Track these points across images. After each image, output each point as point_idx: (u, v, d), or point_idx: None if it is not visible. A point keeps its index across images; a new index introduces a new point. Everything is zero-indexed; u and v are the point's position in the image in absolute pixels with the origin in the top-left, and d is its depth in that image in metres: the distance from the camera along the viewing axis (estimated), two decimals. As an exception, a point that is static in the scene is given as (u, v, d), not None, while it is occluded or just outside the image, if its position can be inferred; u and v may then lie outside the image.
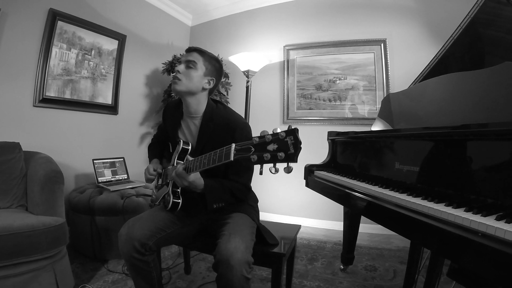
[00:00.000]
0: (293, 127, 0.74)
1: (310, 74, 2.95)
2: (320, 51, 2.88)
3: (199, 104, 1.27)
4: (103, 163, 2.34)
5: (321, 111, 2.88)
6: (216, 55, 1.33)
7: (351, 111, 2.80)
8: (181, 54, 2.91)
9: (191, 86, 1.22)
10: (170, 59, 2.91)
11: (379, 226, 2.76)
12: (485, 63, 1.59)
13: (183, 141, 1.26)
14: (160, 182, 1.41)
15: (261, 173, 0.79)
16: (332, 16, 2.86)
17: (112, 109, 2.57)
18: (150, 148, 1.55)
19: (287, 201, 2.98)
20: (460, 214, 0.72)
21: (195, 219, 1.30)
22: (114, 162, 2.43)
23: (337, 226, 2.76)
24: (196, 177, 1.09)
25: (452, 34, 1.65)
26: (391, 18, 2.64)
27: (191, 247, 1.52)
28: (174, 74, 1.24)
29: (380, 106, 1.87)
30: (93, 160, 2.26)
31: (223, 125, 1.22)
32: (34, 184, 1.60)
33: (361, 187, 1.24)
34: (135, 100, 2.89)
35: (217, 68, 1.27)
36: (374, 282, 1.85)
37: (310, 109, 2.95)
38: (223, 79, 2.94)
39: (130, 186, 2.20)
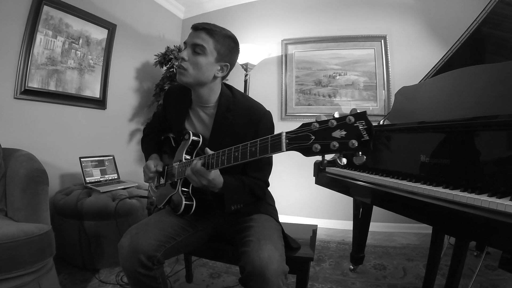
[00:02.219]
0: (358, 111, 0.61)
1: (309, 69, 2.87)
2: (320, 46, 2.81)
3: (211, 93, 1.09)
4: (91, 161, 2.14)
5: (320, 107, 2.81)
6: None
7: (352, 107, 2.74)
8: (175, 45, 2.74)
9: (200, 76, 1.02)
10: (162, 51, 2.73)
11: (380, 224, 2.74)
12: (485, 60, 1.61)
13: (192, 133, 1.09)
14: (160, 181, 1.25)
15: (323, 166, 0.67)
16: (332, 11, 2.80)
17: (100, 103, 2.37)
18: (145, 141, 1.35)
19: (284, 200, 2.88)
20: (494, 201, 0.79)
21: (207, 223, 1.14)
22: (103, 160, 2.23)
23: (339, 224, 2.70)
24: (216, 175, 0.93)
25: (464, 33, 1.61)
26: (391, 15, 2.63)
27: (205, 256, 1.33)
28: (178, 62, 1.04)
29: (389, 100, 1.80)
30: (80, 158, 2.05)
31: (244, 116, 1.07)
32: (14, 185, 1.39)
33: (392, 182, 1.18)
34: (125, 94, 2.68)
35: (231, 49, 1.05)
36: (386, 281, 1.79)
37: (309, 105, 2.87)
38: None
39: (122, 187, 2.02)
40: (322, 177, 1.79)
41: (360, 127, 0.59)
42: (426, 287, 1.45)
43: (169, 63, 2.68)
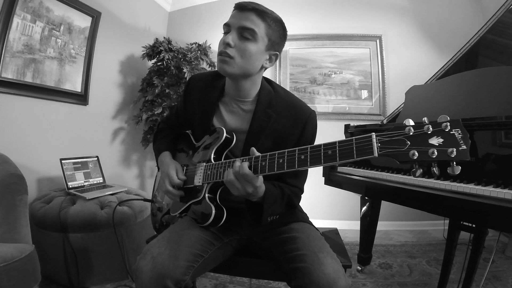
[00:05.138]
0: (449, 118, 0.57)
1: (304, 67, 2.82)
2: (315, 43, 2.78)
3: (253, 86, 0.95)
4: (74, 163, 1.89)
5: (315, 106, 2.77)
6: (197, 43, 0.99)
7: (347, 106, 2.74)
8: (165, 37, 2.54)
9: (248, 66, 0.87)
10: (148, 43, 2.52)
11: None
12: (478, 64, 1.68)
13: (226, 130, 0.94)
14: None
15: (417, 176, 0.60)
16: (328, 8, 2.78)
17: (81, 98, 2.11)
18: (158, 137, 1.17)
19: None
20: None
21: (234, 235, 1.00)
22: (86, 162, 1.99)
23: (339, 225, 2.67)
24: (261, 181, 0.80)
25: (471, 39, 1.65)
26: (386, 15, 2.67)
27: (234, 273, 1.16)
28: (221, 49, 0.86)
29: (403, 99, 1.79)
30: (61, 160, 1.80)
31: (289, 115, 0.94)
32: (-16, 196, 1.16)
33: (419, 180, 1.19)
34: (108, 89, 2.44)
35: (282, 36, 0.92)
36: (395, 279, 1.78)
37: (304, 103, 2.82)
38: (208, 68, 2.65)
39: (110, 192, 1.80)
40: (333, 177, 1.74)
41: (457, 135, 0.55)
42: (442, 280, 1.49)
43: (158, 56, 2.48)
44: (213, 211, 0.88)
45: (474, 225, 1.29)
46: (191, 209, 0.98)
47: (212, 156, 0.94)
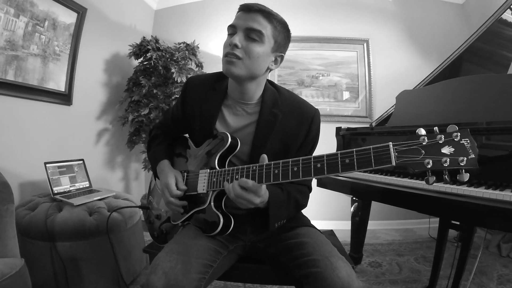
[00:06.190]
0: (458, 128, 0.61)
1: (292, 69, 2.84)
2: (304, 45, 2.81)
3: (257, 88, 0.94)
4: (59, 167, 1.79)
5: (304, 108, 2.80)
6: (185, 42, 0.97)
7: (335, 108, 2.79)
8: (153, 36, 2.47)
9: (255, 68, 0.86)
10: (134, 41, 2.44)
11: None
12: (462, 71, 1.77)
13: (231, 135, 0.91)
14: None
15: (431, 184, 0.62)
16: (316, 11, 2.82)
17: (65, 97, 2.01)
18: (153, 144, 1.12)
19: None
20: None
21: (238, 242, 0.98)
22: (72, 166, 1.89)
23: (329, 225, 2.72)
24: (265, 190, 0.80)
25: (461, 46, 1.72)
26: (373, 20, 2.74)
27: (240, 279, 1.11)
28: (228, 50, 0.85)
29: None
30: (45, 164, 1.70)
31: (295, 113, 0.94)
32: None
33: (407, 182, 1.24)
34: (93, 88, 2.34)
35: (287, 38, 0.92)
36: (386, 277, 1.84)
37: (293, 105, 2.85)
38: (195, 69, 2.60)
39: (98, 197, 1.72)
40: (327, 178, 1.77)
41: (466, 145, 0.59)
42: (433, 276, 1.56)
43: (145, 55, 2.41)
44: (222, 220, 0.86)
45: (464, 224, 1.35)
46: (194, 218, 0.95)
47: (217, 162, 0.91)
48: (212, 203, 0.90)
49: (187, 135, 1.12)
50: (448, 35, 2.63)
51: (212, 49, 2.92)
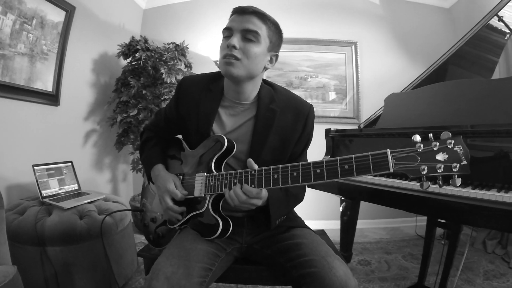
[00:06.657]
0: (451, 135, 0.64)
1: (280, 70, 2.87)
2: (292, 47, 2.84)
3: (254, 88, 0.96)
4: (47, 169, 1.75)
5: (294, 109, 2.83)
6: (175, 43, 0.98)
7: (323, 109, 2.83)
8: (142, 35, 2.44)
9: (253, 67, 0.88)
10: (122, 41, 2.41)
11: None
12: (448, 74, 1.84)
13: (227, 138, 0.91)
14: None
15: (424, 189, 0.66)
16: (305, 13, 2.86)
17: (52, 98, 1.96)
18: (146, 148, 1.09)
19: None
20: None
21: (234, 243, 0.98)
22: (60, 168, 1.85)
23: (319, 225, 2.76)
24: (265, 190, 0.83)
25: (448, 50, 1.78)
26: (362, 22, 2.81)
27: (238, 281, 1.13)
28: (226, 52, 0.86)
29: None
30: (33, 166, 1.66)
31: (291, 109, 0.96)
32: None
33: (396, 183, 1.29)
34: (80, 88, 2.29)
35: (279, 38, 0.94)
36: (375, 275, 1.89)
37: (283, 106, 2.88)
38: (184, 69, 2.58)
39: (88, 200, 1.68)
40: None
41: (459, 151, 0.62)
42: (422, 272, 1.62)
43: (134, 55, 2.37)
44: (221, 223, 0.87)
45: (451, 222, 1.41)
46: (192, 221, 0.95)
47: (213, 165, 0.92)
48: (210, 207, 0.90)
49: (180, 136, 1.11)
50: (435, 38, 2.73)
51: (201, 49, 2.91)
